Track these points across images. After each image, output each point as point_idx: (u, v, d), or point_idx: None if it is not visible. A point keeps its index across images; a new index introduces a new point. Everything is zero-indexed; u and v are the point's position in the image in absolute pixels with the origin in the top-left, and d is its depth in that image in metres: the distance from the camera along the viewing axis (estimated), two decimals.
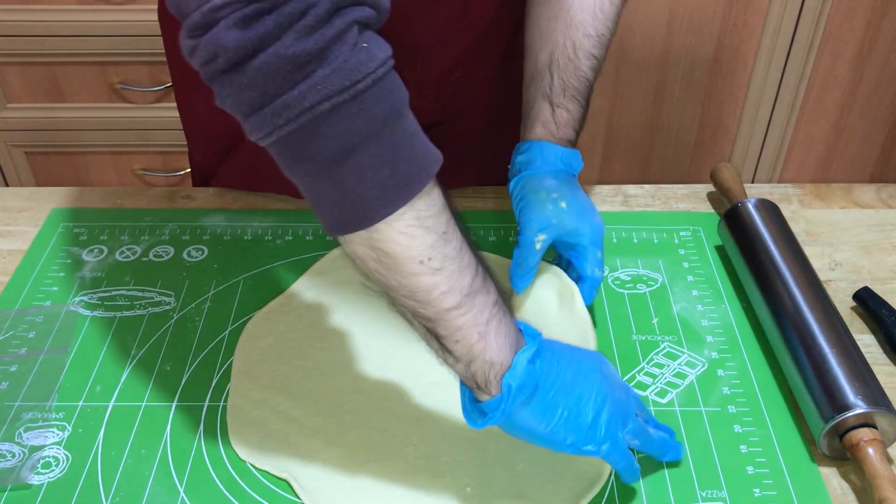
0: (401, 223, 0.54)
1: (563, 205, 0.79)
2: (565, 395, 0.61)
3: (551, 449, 0.64)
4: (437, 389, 0.75)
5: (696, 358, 0.81)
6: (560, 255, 0.84)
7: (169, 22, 0.96)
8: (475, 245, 0.59)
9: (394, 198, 0.53)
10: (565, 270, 0.83)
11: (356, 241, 0.55)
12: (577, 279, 0.82)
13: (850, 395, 0.70)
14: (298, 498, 0.68)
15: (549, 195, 0.79)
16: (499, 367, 0.58)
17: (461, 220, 0.58)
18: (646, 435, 0.66)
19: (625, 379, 0.79)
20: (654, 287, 0.89)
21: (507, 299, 0.61)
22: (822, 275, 0.88)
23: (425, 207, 0.54)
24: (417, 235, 0.54)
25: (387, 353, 0.80)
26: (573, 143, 0.83)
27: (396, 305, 0.58)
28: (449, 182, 0.58)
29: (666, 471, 0.70)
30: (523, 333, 0.61)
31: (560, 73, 0.82)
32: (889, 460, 0.68)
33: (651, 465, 0.71)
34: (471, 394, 0.61)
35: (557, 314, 0.81)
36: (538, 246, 0.79)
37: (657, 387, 0.78)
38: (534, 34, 0.85)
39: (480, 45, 0.89)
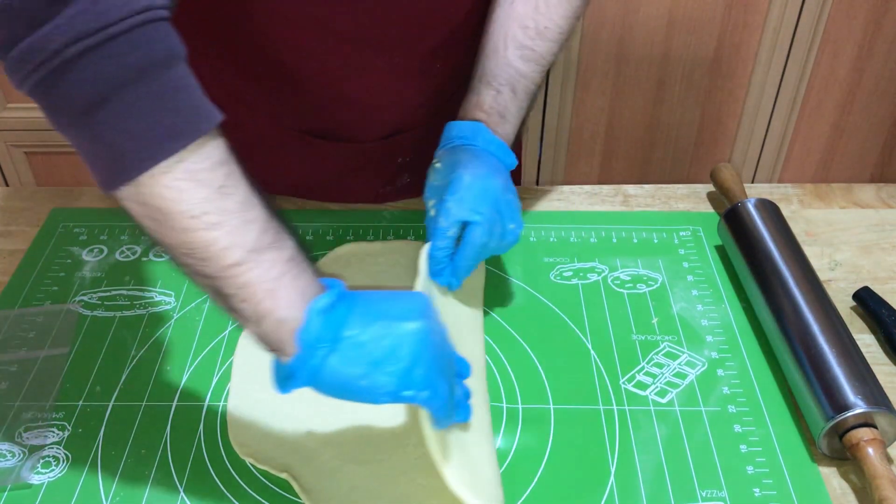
0: (167, 177, 0.52)
1: (438, 165, 0.80)
2: (375, 340, 0.57)
3: (373, 403, 0.59)
4: None
5: (696, 358, 0.81)
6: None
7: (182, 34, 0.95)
8: (269, 200, 0.57)
9: (154, 150, 0.51)
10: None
11: (126, 198, 0.53)
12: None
13: (850, 394, 0.70)
14: (298, 498, 0.68)
15: (433, 164, 0.81)
16: (292, 322, 0.56)
17: (248, 175, 0.56)
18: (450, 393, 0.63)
19: (624, 378, 0.79)
20: (654, 287, 0.89)
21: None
22: (822, 275, 0.89)
23: (198, 161, 0.52)
24: (187, 189, 0.52)
25: None
26: (503, 129, 0.82)
27: (179, 267, 0.56)
28: None
29: (666, 471, 0.70)
30: (326, 287, 0.58)
31: (485, 60, 0.83)
32: (889, 460, 0.68)
33: (651, 464, 0.71)
34: (278, 360, 0.58)
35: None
36: (432, 212, 0.77)
37: (657, 387, 0.78)
38: (486, 23, 0.86)
39: (461, 35, 0.90)
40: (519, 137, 1.13)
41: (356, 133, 0.95)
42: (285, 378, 0.58)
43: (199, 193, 0.53)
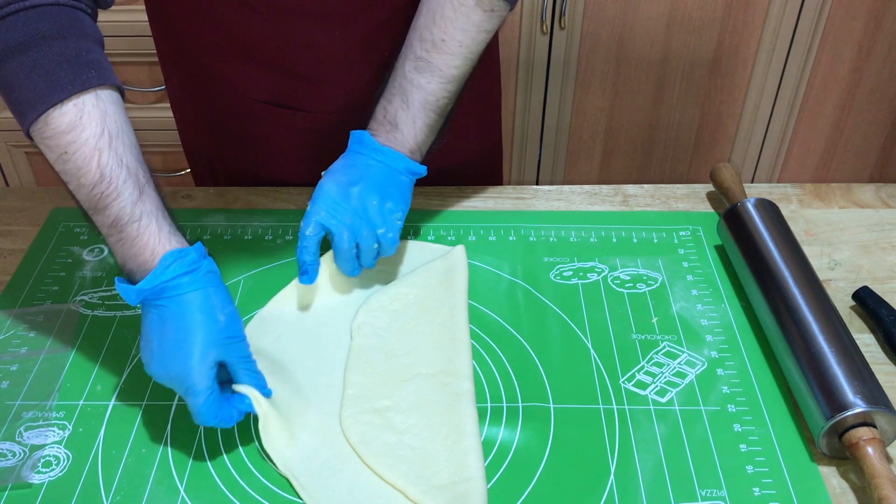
0: (36, 138, 0.67)
1: (322, 173, 0.84)
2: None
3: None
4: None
5: (696, 357, 0.81)
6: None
7: (158, 19, 0.96)
8: (115, 165, 0.67)
9: (21, 119, 0.67)
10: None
11: None
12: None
13: (850, 394, 0.70)
14: (299, 498, 0.69)
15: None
16: (124, 273, 0.70)
17: (109, 142, 0.67)
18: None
19: (624, 378, 0.79)
20: (654, 286, 0.89)
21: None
22: (822, 274, 0.89)
23: (43, 129, 0.66)
24: (45, 152, 0.68)
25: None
26: (389, 134, 0.84)
27: None
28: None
29: (666, 470, 0.70)
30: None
31: (385, 74, 0.86)
32: (888, 459, 0.68)
33: (651, 463, 0.71)
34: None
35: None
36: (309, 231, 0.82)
37: (657, 386, 0.78)
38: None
39: (403, 14, 0.90)
40: (498, 139, 1.13)
41: (309, 104, 0.97)
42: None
43: (50, 156, 0.68)
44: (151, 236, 0.68)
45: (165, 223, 0.70)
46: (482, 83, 0.94)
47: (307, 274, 0.82)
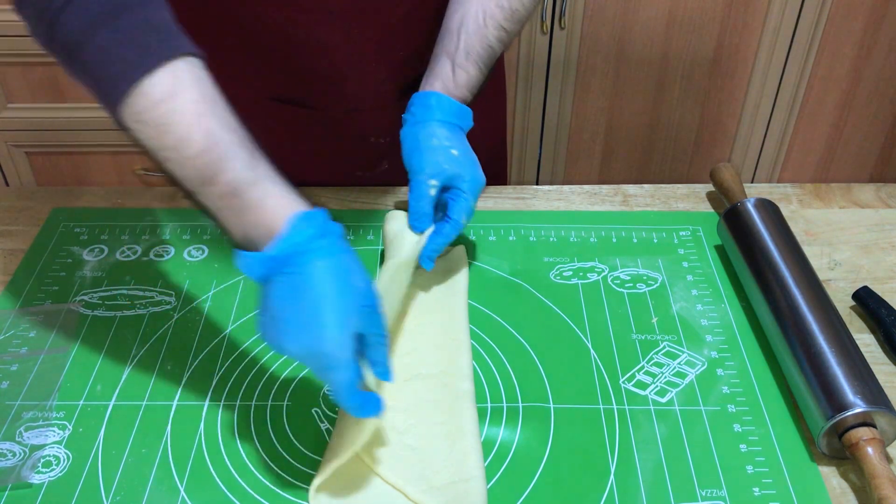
0: (128, 118, 0.61)
1: (455, 152, 0.83)
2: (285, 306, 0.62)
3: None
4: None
5: (696, 357, 0.81)
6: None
7: None
8: (221, 130, 0.62)
9: (113, 92, 0.61)
10: (437, 209, 0.86)
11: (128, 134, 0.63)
12: (443, 219, 0.84)
13: (850, 394, 0.70)
14: (299, 498, 0.69)
15: (440, 143, 0.83)
16: (242, 246, 0.63)
17: (211, 107, 0.62)
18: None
19: (624, 378, 0.79)
20: (654, 286, 0.89)
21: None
22: (822, 274, 0.89)
23: (137, 102, 0.60)
24: (139, 129, 0.61)
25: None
26: (467, 104, 0.87)
27: None
28: None
29: (666, 470, 0.70)
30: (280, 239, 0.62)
31: (467, 38, 0.85)
32: (888, 459, 0.68)
33: (651, 463, 0.71)
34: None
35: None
36: (432, 192, 0.82)
37: (657, 386, 0.78)
38: None
39: (417, 15, 0.91)
40: (503, 140, 1.14)
41: (322, 102, 0.97)
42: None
43: (147, 132, 0.61)
44: (275, 198, 0.62)
45: (285, 184, 0.64)
46: (489, 84, 0.94)
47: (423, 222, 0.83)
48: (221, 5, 0.88)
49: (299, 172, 1.02)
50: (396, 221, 0.86)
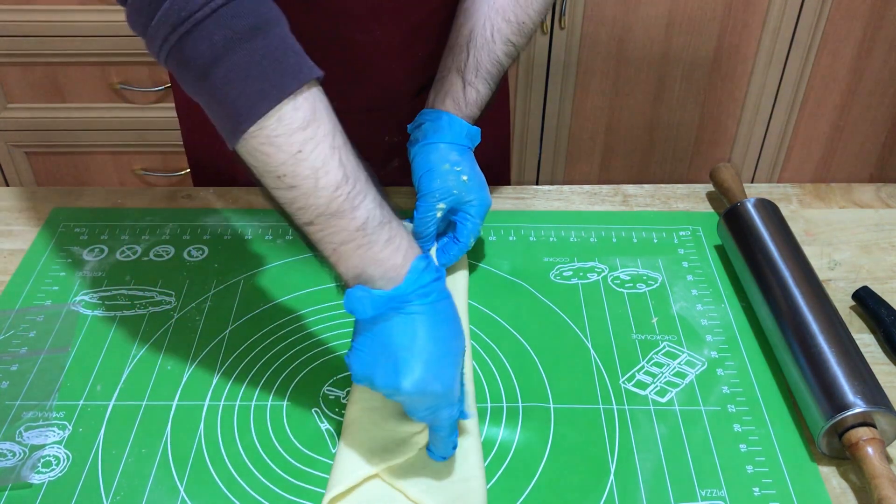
0: (255, 141, 0.59)
1: (465, 178, 0.84)
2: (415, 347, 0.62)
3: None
4: None
5: (696, 357, 0.81)
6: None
7: None
8: (353, 165, 0.61)
9: (245, 115, 0.58)
10: (444, 231, 0.88)
11: (244, 156, 0.61)
12: (451, 240, 0.86)
13: (850, 394, 0.70)
14: (299, 498, 0.68)
15: (452, 167, 0.84)
16: (347, 284, 0.63)
17: (343, 140, 0.62)
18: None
19: (624, 378, 0.79)
20: (654, 286, 0.89)
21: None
22: (822, 274, 0.89)
23: (276, 127, 0.58)
24: (270, 153, 0.59)
25: None
26: (475, 121, 0.88)
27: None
28: None
29: (666, 470, 0.70)
30: (412, 274, 0.62)
31: (476, 52, 0.85)
32: (888, 459, 0.68)
33: (651, 463, 0.71)
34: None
35: None
36: (438, 214, 0.84)
37: (657, 386, 0.78)
38: (462, 7, 0.88)
39: (439, 17, 0.91)
40: (507, 142, 1.14)
41: (339, 102, 0.96)
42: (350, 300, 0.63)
43: (279, 157, 0.59)
44: (401, 239, 0.62)
45: (403, 226, 0.65)
46: None
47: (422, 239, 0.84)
48: None
49: None
50: None
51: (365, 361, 0.63)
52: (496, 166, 1.13)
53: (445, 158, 0.84)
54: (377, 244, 0.61)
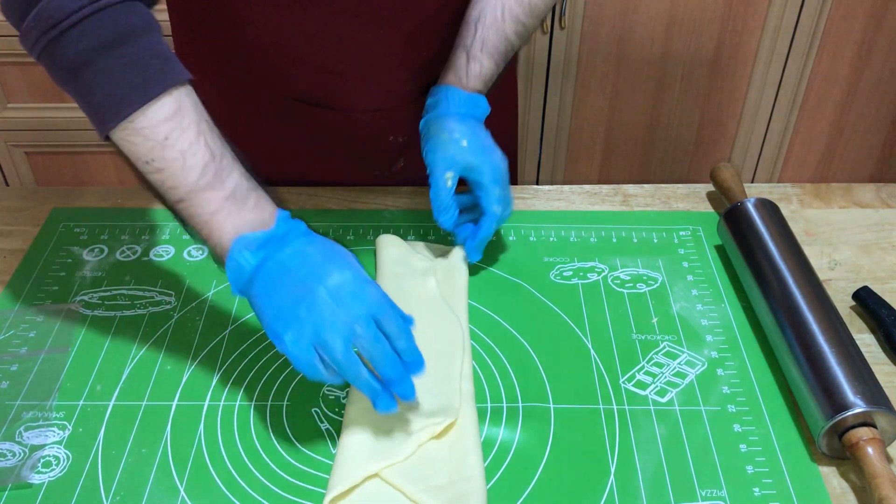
0: (124, 132, 0.66)
1: (464, 143, 0.85)
2: (279, 290, 0.67)
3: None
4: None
5: (696, 357, 0.81)
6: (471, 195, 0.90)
7: (181, 16, 0.96)
8: (219, 146, 0.68)
9: (113, 113, 0.65)
10: (474, 208, 0.89)
11: (114, 143, 0.68)
12: (482, 215, 0.87)
13: (850, 394, 0.70)
14: (299, 497, 0.68)
15: (451, 135, 0.85)
16: (225, 250, 0.68)
17: (208, 126, 0.68)
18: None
19: (624, 378, 0.79)
20: (654, 286, 0.89)
21: None
22: (822, 274, 0.89)
23: (143, 120, 0.65)
24: (137, 143, 0.66)
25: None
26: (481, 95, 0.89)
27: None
28: None
29: (666, 470, 0.70)
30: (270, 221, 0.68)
31: (484, 30, 0.87)
32: (888, 459, 0.68)
33: (651, 463, 0.71)
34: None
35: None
36: (449, 183, 0.85)
37: (657, 386, 0.78)
38: None
39: (445, 15, 0.92)
40: (514, 141, 1.14)
41: (345, 102, 0.97)
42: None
43: (146, 146, 0.66)
44: (269, 202, 0.70)
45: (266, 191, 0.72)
46: (501, 85, 0.94)
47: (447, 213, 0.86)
48: (253, 8, 0.87)
49: (317, 171, 1.03)
50: (395, 248, 0.89)
51: (270, 319, 0.67)
52: None
53: (443, 128, 0.85)
54: (246, 208, 0.68)
